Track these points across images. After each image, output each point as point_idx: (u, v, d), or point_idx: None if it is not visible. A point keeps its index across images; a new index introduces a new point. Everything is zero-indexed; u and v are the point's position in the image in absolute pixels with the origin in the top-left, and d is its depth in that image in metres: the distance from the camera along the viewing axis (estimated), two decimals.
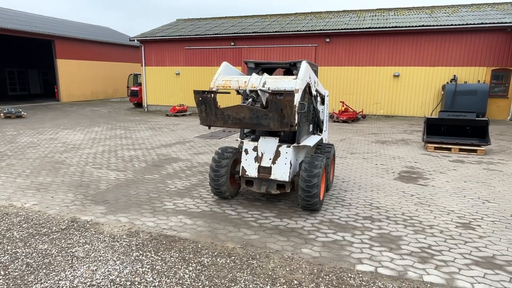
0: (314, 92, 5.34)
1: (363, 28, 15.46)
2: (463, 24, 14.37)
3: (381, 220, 4.73)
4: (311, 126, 5.82)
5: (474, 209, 5.13)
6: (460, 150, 9.02)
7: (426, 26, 14.76)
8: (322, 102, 6.41)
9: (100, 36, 28.74)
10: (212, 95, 4.40)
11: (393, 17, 17.37)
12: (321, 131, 6.10)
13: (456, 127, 9.46)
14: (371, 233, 4.33)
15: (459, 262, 3.64)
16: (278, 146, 4.91)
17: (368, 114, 16.39)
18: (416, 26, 14.86)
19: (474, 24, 14.28)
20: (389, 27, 15.15)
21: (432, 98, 15.45)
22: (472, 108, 13.43)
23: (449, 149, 9.12)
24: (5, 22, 21.24)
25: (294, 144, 4.89)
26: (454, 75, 14.73)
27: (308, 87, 4.93)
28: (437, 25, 14.64)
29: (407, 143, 10.32)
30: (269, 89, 4.48)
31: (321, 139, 6.06)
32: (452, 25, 14.48)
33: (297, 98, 4.20)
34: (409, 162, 8.07)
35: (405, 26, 15.01)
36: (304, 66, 4.59)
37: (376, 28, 15.30)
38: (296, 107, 4.18)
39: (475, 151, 8.89)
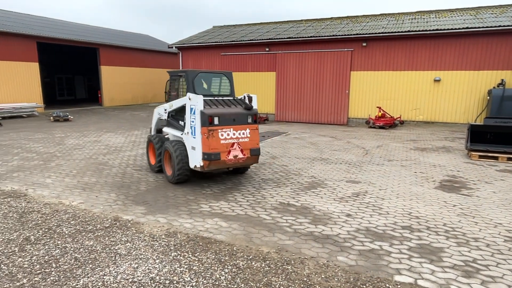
0: None
1: (401, 32, 15.00)
2: None
3: (421, 230, 4.56)
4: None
5: None
6: (508, 159, 8.47)
7: (471, 28, 14.05)
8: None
9: (140, 44, 30.07)
10: None
11: (434, 19, 16.71)
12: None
13: (503, 134, 8.90)
14: (410, 243, 4.18)
15: (509, 278, 3.43)
16: None
17: (406, 120, 15.83)
18: (459, 29, 14.19)
19: None
20: (429, 30, 14.58)
21: (477, 104, 14.64)
22: None
23: (496, 158, 8.59)
24: (57, 32, 22.84)
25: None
26: (502, 80, 13.87)
27: None
28: (482, 27, 13.89)
29: (449, 151, 9.85)
30: None
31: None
32: (500, 26, 13.67)
33: None
34: (451, 170, 7.70)
35: (447, 29, 14.37)
36: None
37: (415, 31, 14.79)
38: None
39: None
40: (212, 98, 6.42)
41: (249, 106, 6.26)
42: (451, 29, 14.34)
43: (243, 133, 6.09)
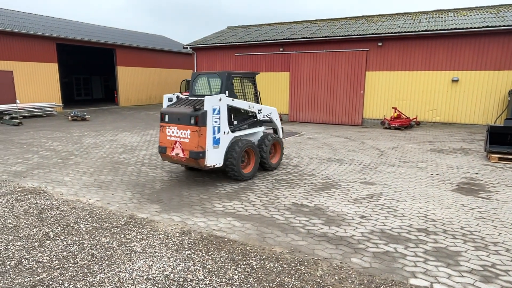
0: None
1: (418, 31, 14.74)
2: None
3: (437, 233, 4.47)
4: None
5: None
6: None
7: (491, 26, 13.69)
8: None
9: (155, 44, 30.47)
10: None
11: (452, 18, 16.35)
12: None
13: None
14: (426, 246, 4.11)
15: None
16: None
17: (422, 121, 15.54)
18: (478, 28, 13.85)
19: None
20: (447, 29, 14.27)
21: (497, 105, 14.25)
22: None
23: None
24: (75, 33, 23.37)
25: None
26: None
27: None
28: (503, 25, 13.52)
29: (467, 153, 9.63)
30: None
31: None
32: None
33: None
34: (469, 173, 7.53)
35: (466, 28, 14.04)
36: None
37: (433, 30, 14.51)
38: None
39: None
40: (190, 98, 6.91)
41: (197, 108, 6.10)
42: (470, 28, 14.01)
43: (184, 133, 6.24)
